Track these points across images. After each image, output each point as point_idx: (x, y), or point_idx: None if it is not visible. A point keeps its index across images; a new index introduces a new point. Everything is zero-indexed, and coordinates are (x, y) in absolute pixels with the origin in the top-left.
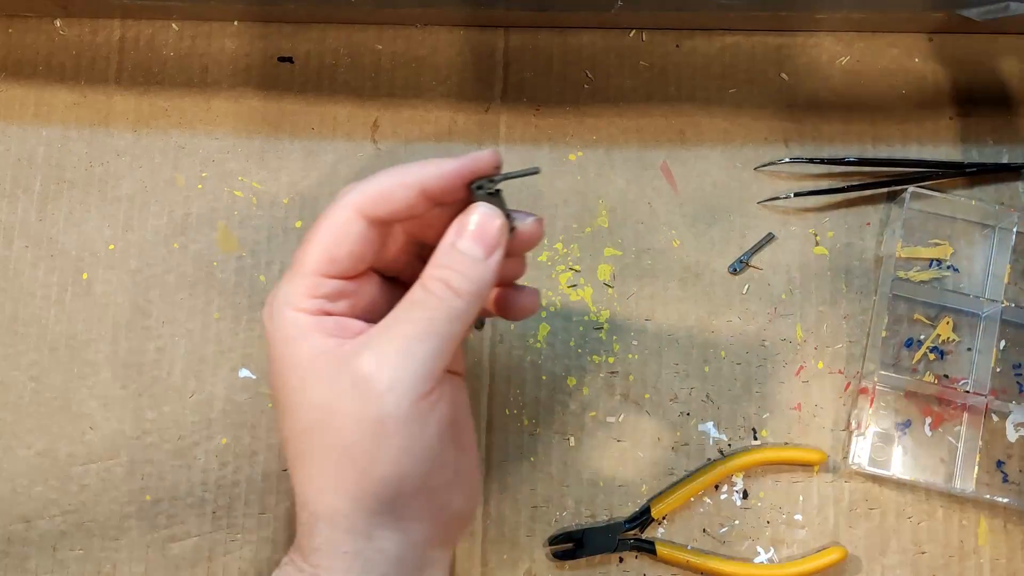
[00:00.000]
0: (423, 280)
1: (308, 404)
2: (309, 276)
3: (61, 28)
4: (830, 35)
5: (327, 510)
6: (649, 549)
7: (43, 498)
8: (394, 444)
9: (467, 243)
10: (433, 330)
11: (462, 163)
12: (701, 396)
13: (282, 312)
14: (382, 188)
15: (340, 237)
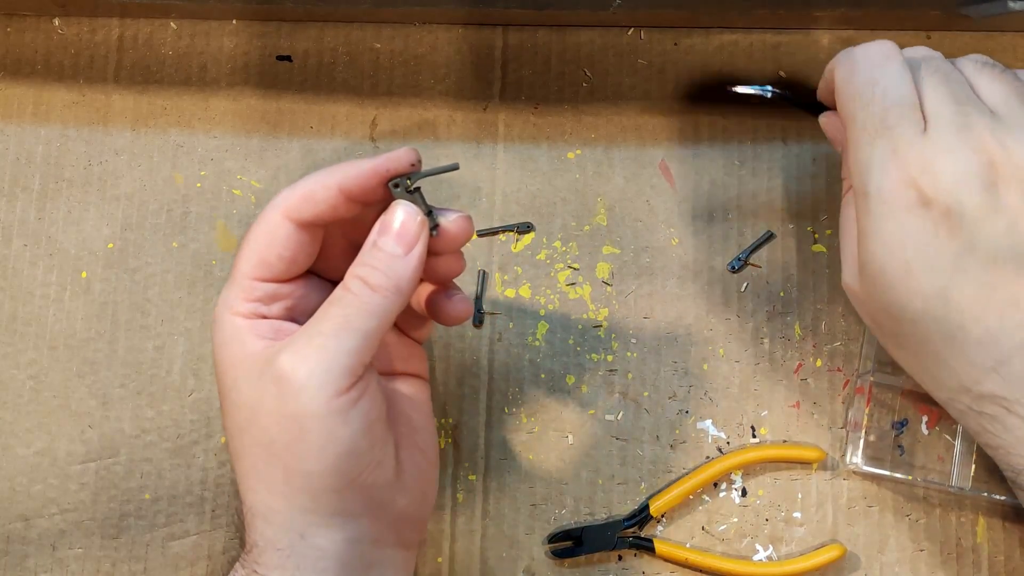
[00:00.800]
0: (344, 279)
1: (239, 404)
2: (244, 280)
3: (60, 27)
4: (828, 33)
5: (261, 507)
6: (648, 547)
7: (42, 497)
8: (313, 440)
9: (386, 240)
10: (349, 326)
11: (378, 162)
12: (700, 394)
13: (221, 317)
14: (305, 191)
15: (270, 241)
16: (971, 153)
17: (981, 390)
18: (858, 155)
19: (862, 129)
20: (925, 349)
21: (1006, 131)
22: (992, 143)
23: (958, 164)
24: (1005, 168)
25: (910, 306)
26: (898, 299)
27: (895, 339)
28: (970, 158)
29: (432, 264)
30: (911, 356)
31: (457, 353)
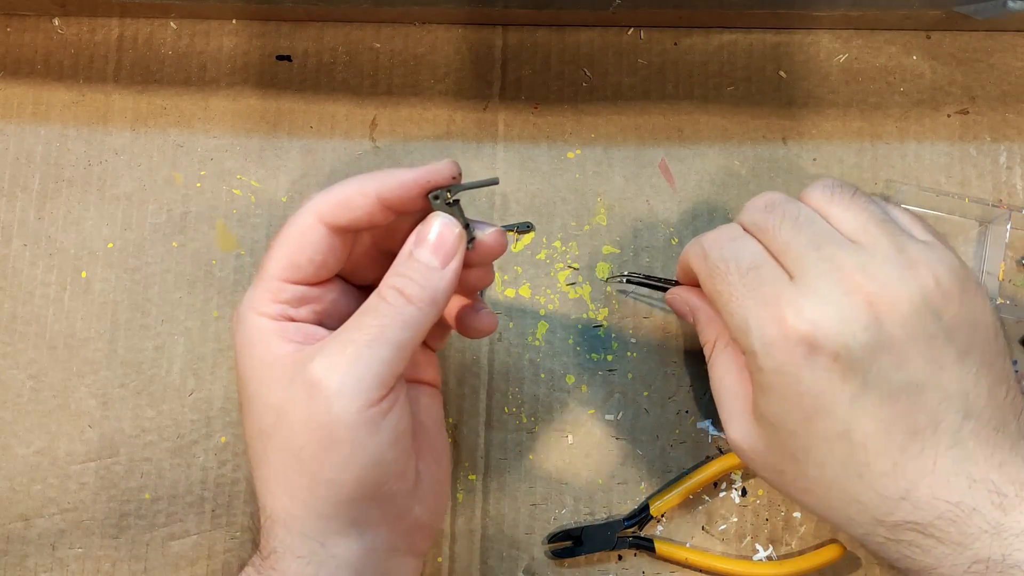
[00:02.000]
0: (379, 288)
1: (264, 407)
2: (272, 281)
3: (59, 27)
4: (828, 33)
5: (282, 513)
6: (648, 547)
7: (42, 496)
8: (342, 450)
9: (423, 252)
10: (384, 336)
11: (419, 173)
12: (699, 394)
13: (246, 316)
14: (342, 196)
15: (302, 243)
16: (844, 296)
17: (895, 519)
18: (733, 320)
19: (729, 298)
20: (833, 490)
21: (874, 263)
22: (863, 280)
23: (835, 310)
24: (881, 301)
25: (815, 450)
26: (802, 445)
27: (800, 484)
28: (845, 301)
29: (463, 276)
30: (819, 499)
31: (457, 353)
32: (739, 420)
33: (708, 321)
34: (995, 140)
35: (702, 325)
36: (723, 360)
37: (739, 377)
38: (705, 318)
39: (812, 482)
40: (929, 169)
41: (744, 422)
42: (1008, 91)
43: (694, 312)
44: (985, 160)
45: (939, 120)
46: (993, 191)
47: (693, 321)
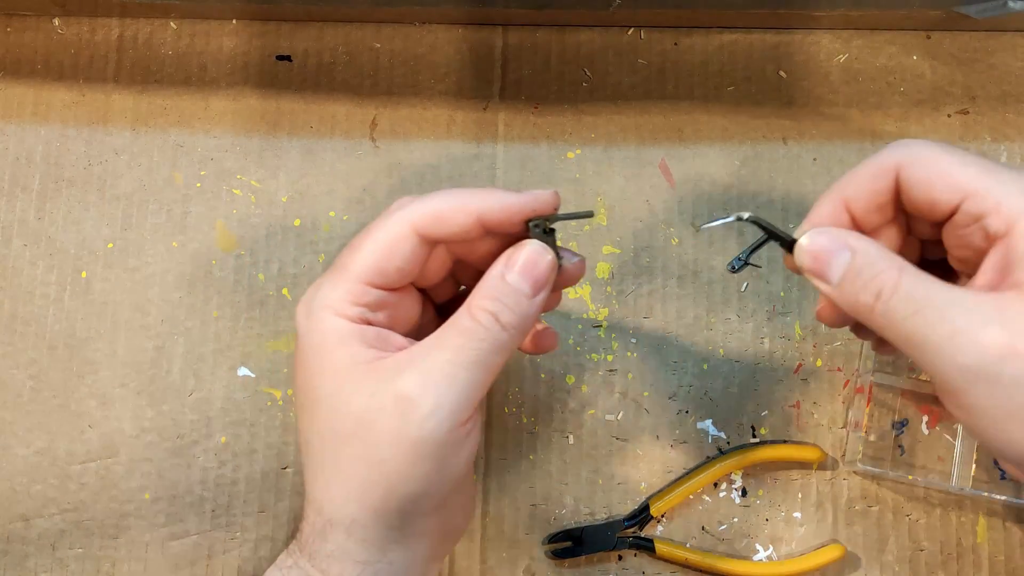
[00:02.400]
0: (471, 309)
1: (343, 412)
2: (355, 283)
3: (59, 27)
4: (828, 33)
5: (346, 519)
6: (648, 547)
7: (42, 497)
8: (427, 466)
9: (517, 278)
10: (478, 360)
11: (524, 200)
12: (700, 394)
13: (321, 314)
14: (441, 210)
15: (392, 250)
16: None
17: None
18: (1006, 190)
19: (986, 170)
20: None
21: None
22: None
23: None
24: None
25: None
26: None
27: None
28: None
29: None
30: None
31: None
32: (1000, 321)
33: (881, 249)
34: (995, 140)
35: (872, 256)
36: (924, 277)
37: (954, 287)
38: (877, 248)
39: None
40: None
41: (1009, 320)
42: (1008, 91)
43: (856, 248)
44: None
45: (939, 120)
46: None
47: (843, 264)
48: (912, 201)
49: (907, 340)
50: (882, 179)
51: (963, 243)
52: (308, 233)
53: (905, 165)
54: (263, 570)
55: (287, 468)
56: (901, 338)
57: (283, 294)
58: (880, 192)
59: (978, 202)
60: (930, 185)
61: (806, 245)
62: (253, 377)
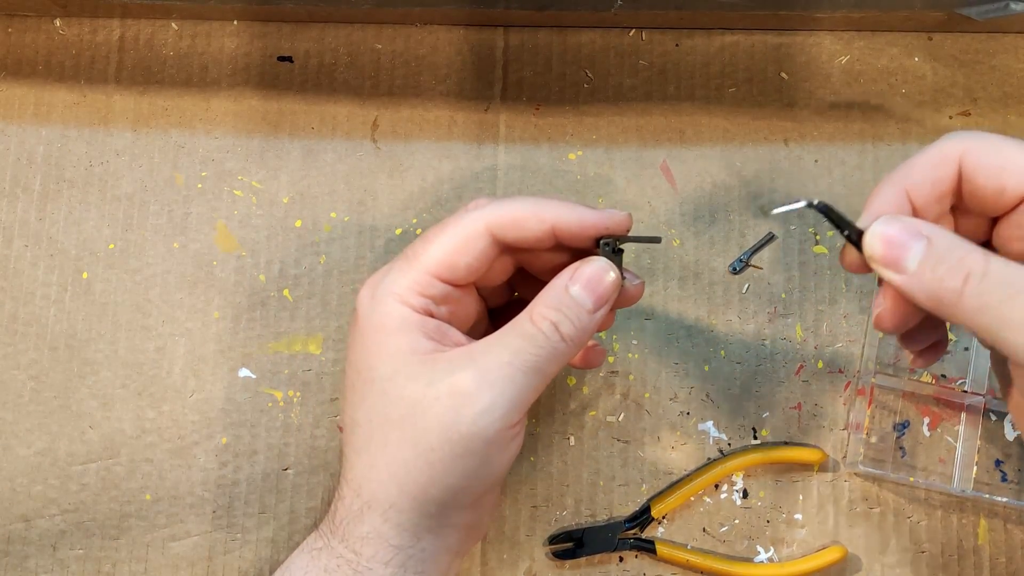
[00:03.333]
0: (533, 316)
1: (396, 396)
2: (423, 274)
3: (61, 27)
4: (830, 34)
5: (384, 502)
6: (649, 548)
7: (43, 497)
8: (473, 462)
9: (580, 291)
10: (535, 366)
11: (600, 217)
12: (701, 395)
13: (386, 299)
14: (517, 215)
15: (465, 247)
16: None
17: None
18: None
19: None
20: None
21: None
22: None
23: None
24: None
25: None
26: None
27: None
28: None
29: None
30: None
31: None
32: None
33: (958, 236)
34: None
35: (952, 240)
36: (1012, 263)
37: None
38: (952, 234)
39: None
40: None
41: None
42: (1010, 92)
43: (934, 231)
44: None
45: (941, 122)
46: None
47: (916, 255)
48: (978, 190)
49: (1002, 323)
50: (945, 167)
51: (1022, 233)
52: (309, 234)
53: (970, 152)
54: (264, 571)
55: (288, 469)
56: (995, 323)
57: (284, 295)
58: (943, 181)
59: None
60: (1000, 171)
61: (879, 232)
62: (254, 378)
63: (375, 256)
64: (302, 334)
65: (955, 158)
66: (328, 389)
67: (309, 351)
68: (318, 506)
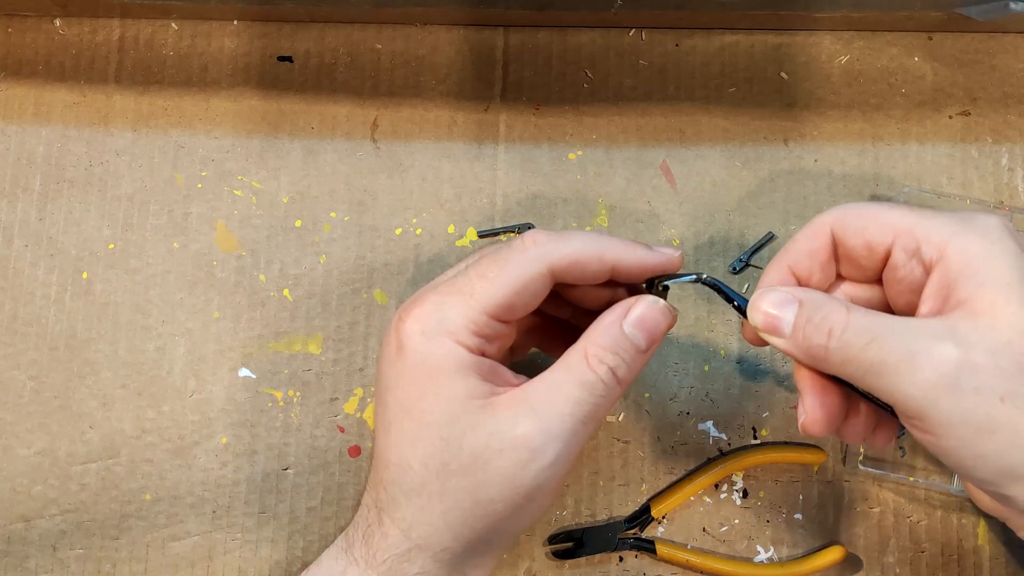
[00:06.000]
0: (589, 359)
1: (456, 445)
2: (481, 314)
3: (61, 27)
4: (829, 34)
5: (436, 547)
6: (649, 548)
7: (43, 497)
8: (532, 509)
9: (635, 331)
10: (595, 414)
11: (659, 259)
12: (701, 395)
13: (441, 340)
14: (579, 258)
15: (526, 290)
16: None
17: None
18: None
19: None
20: None
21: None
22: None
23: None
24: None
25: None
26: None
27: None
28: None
29: None
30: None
31: None
32: (951, 338)
33: (825, 295)
34: (997, 142)
35: (818, 299)
36: (874, 312)
37: (901, 316)
38: (820, 294)
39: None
40: (930, 171)
41: (959, 336)
42: (1010, 92)
43: (803, 294)
44: (987, 162)
45: (940, 122)
46: (995, 193)
47: (791, 315)
48: (851, 252)
49: (866, 369)
50: (819, 238)
51: (904, 285)
52: (309, 234)
53: (839, 220)
54: (264, 572)
55: (288, 469)
56: (860, 369)
57: (284, 295)
58: (819, 251)
59: (909, 237)
60: (864, 229)
61: (756, 303)
62: (254, 378)
63: (375, 256)
64: (302, 334)
65: (827, 229)
66: (328, 389)
67: (309, 351)
68: (318, 506)
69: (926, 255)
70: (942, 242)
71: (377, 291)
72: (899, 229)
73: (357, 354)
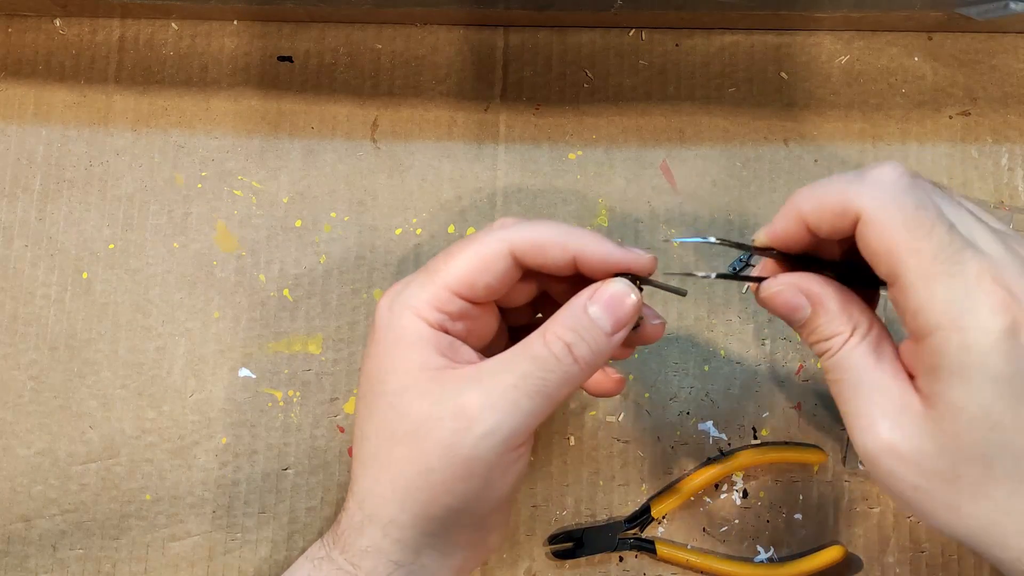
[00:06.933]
0: (547, 336)
1: (403, 413)
2: (442, 289)
3: (61, 27)
4: (829, 34)
5: (385, 517)
6: (649, 548)
7: (43, 497)
8: (473, 483)
9: (599, 311)
10: (543, 390)
11: (623, 254)
12: (701, 395)
13: (402, 312)
14: (541, 240)
15: (486, 267)
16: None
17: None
18: (934, 286)
19: (933, 259)
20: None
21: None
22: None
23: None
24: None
25: (1017, 442)
26: (1001, 436)
27: (981, 492)
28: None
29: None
30: (999, 514)
31: None
32: (895, 419)
33: (842, 308)
34: (997, 142)
35: (830, 315)
36: (864, 351)
37: (891, 369)
38: (837, 305)
39: (997, 482)
40: (930, 171)
41: (904, 421)
42: (1010, 92)
43: (817, 301)
44: (987, 162)
45: (940, 122)
46: (995, 193)
47: (803, 317)
48: (861, 250)
49: (843, 413)
50: (844, 219)
51: (894, 303)
52: (309, 234)
53: (864, 222)
54: (263, 572)
55: (288, 469)
56: (836, 401)
57: (284, 295)
58: (841, 229)
59: (905, 296)
60: (874, 255)
61: (768, 296)
62: (254, 378)
63: (375, 256)
64: (302, 334)
65: (854, 217)
66: (328, 389)
67: (309, 351)
68: (318, 506)
69: (909, 325)
70: (927, 328)
71: (377, 291)
72: (901, 283)
73: (357, 354)
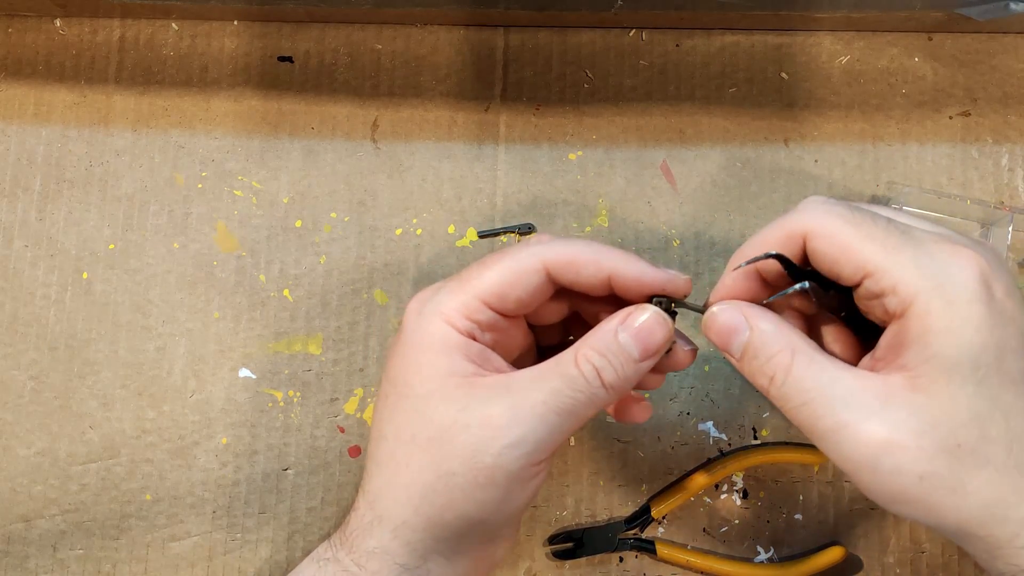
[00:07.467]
0: (578, 358)
1: (428, 417)
2: (472, 298)
3: (61, 28)
4: (830, 34)
5: (397, 519)
6: (649, 549)
7: (43, 497)
8: (492, 493)
9: (629, 339)
10: (571, 409)
11: (658, 275)
12: (701, 395)
13: (432, 317)
14: (576, 258)
15: (519, 280)
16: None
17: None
18: (903, 264)
19: (887, 239)
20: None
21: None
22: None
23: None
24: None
25: (1003, 397)
26: (989, 391)
27: (977, 452)
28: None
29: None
30: (1002, 456)
31: None
32: (882, 414)
33: (777, 329)
34: (997, 142)
35: (767, 336)
36: (820, 365)
37: (853, 372)
38: (772, 327)
39: (997, 446)
40: (931, 171)
41: (892, 411)
42: (1010, 93)
43: (756, 324)
44: (987, 162)
45: (941, 122)
46: (995, 193)
47: (742, 341)
48: (821, 269)
49: (799, 426)
50: (791, 246)
51: (870, 311)
52: (309, 234)
53: (812, 236)
54: (263, 572)
55: (288, 470)
56: (794, 422)
57: (284, 295)
58: (793, 255)
59: (878, 281)
60: (835, 261)
61: (709, 321)
62: (254, 378)
63: (375, 256)
64: (302, 334)
65: (800, 237)
66: (328, 389)
67: (309, 351)
68: (318, 506)
69: (889, 306)
70: (908, 298)
71: (377, 291)
72: (869, 270)
73: (357, 354)
